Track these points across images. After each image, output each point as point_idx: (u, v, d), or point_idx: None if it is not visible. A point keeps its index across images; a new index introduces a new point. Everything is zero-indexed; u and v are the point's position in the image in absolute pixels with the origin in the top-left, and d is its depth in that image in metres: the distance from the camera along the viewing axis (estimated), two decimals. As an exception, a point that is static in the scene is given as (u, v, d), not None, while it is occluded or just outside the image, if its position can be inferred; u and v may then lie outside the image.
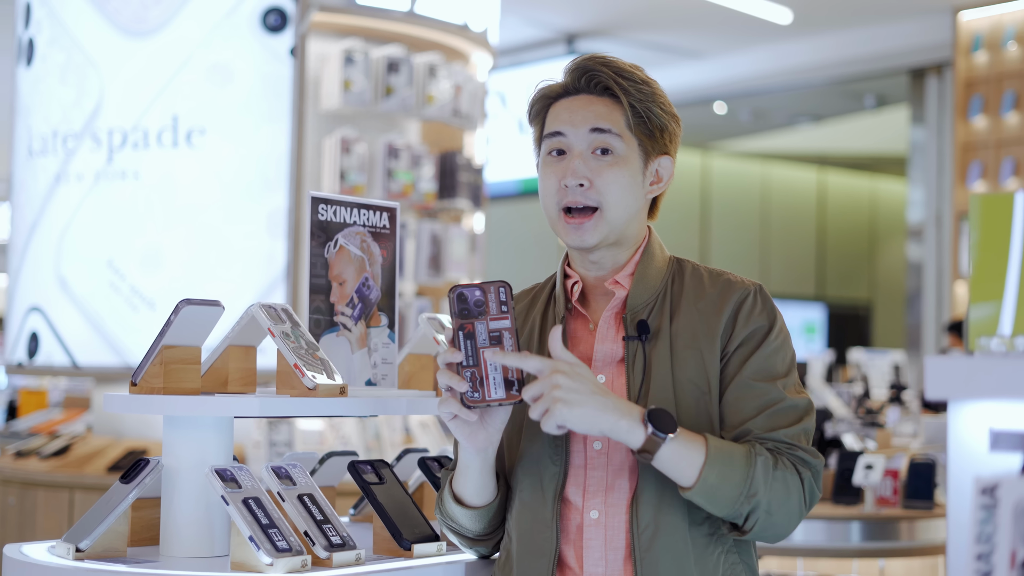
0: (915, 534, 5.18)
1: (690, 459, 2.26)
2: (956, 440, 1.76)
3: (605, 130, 2.42)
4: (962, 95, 11.82)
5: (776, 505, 2.31)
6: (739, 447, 2.31)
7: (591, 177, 2.41)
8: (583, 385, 2.22)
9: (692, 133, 17.14)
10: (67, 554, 2.47)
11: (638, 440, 2.25)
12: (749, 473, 2.28)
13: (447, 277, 7.00)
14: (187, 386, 2.55)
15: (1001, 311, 1.84)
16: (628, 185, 2.43)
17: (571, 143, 2.44)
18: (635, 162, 2.44)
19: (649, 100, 2.45)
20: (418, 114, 6.84)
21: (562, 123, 2.45)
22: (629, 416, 2.24)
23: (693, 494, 2.28)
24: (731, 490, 2.28)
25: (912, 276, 13.24)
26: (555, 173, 2.44)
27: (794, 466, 2.34)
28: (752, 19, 12.67)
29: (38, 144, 6.72)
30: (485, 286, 2.27)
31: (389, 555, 2.58)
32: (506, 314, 2.26)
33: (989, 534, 1.41)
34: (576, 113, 2.44)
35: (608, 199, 2.41)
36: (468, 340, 2.25)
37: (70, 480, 6.24)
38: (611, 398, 2.24)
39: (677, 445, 2.25)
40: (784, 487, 2.31)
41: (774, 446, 2.35)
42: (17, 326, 6.81)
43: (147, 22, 6.44)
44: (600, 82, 2.44)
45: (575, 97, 2.47)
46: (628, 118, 2.43)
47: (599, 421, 2.22)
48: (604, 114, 2.43)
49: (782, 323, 2.45)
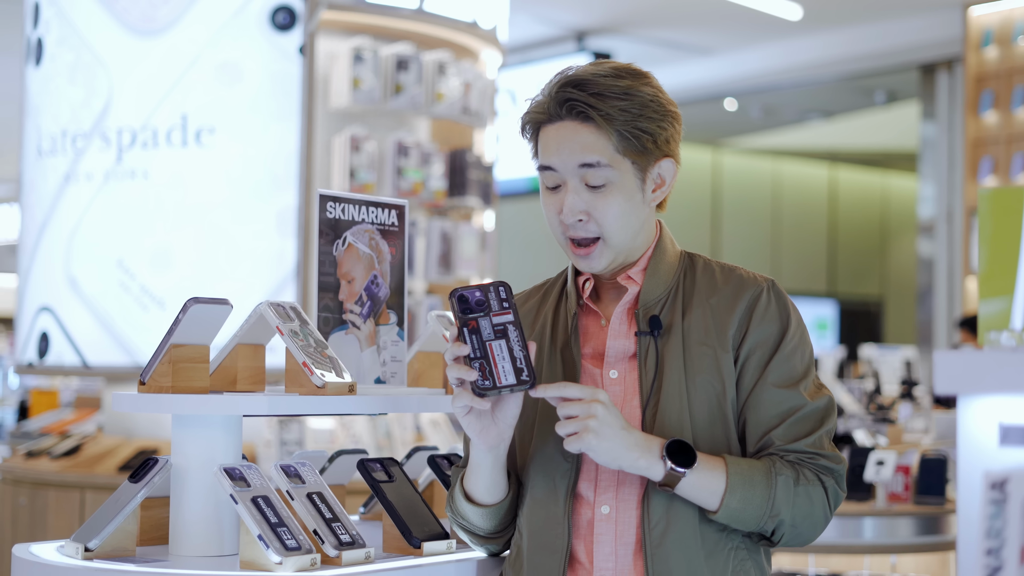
0: (926, 530, 5.17)
1: (711, 488, 2.29)
2: (966, 435, 1.75)
3: (593, 164, 2.36)
4: (973, 90, 11.79)
5: (800, 519, 2.34)
6: (759, 467, 2.32)
7: (588, 210, 2.38)
8: (616, 420, 2.25)
9: (703, 130, 17.13)
10: (76, 554, 2.47)
11: (658, 476, 2.28)
12: (770, 494, 2.31)
13: (457, 275, 6.99)
14: (196, 385, 2.54)
15: (1011, 306, 1.83)
16: (626, 210, 2.39)
17: (563, 177, 2.39)
18: (630, 183, 2.39)
19: (636, 116, 2.36)
20: (427, 112, 6.83)
21: (551, 157, 2.39)
22: (649, 454, 2.27)
23: (717, 518, 2.31)
24: (754, 511, 2.31)
25: (923, 272, 13.21)
26: (553, 206, 2.41)
27: (817, 476, 2.36)
28: (762, 15, 12.65)
29: (47, 144, 6.73)
30: (484, 287, 2.28)
31: (399, 553, 2.58)
32: (508, 310, 2.27)
33: (999, 529, 1.41)
34: (563, 146, 2.37)
35: (608, 229, 2.39)
36: (473, 335, 2.26)
37: (81, 480, 6.24)
38: (634, 436, 2.27)
39: (697, 477, 2.28)
40: (807, 501, 2.33)
41: (796, 458, 2.36)
42: (27, 326, 6.82)
43: (156, 21, 6.45)
44: (582, 111, 2.36)
45: (560, 124, 2.39)
46: (615, 143, 2.36)
47: (621, 457, 2.26)
48: (590, 144, 2.36)
49: (798, 319, 2.44)
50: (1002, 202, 1.87)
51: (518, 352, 2.26)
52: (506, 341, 2.26)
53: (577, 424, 2.24)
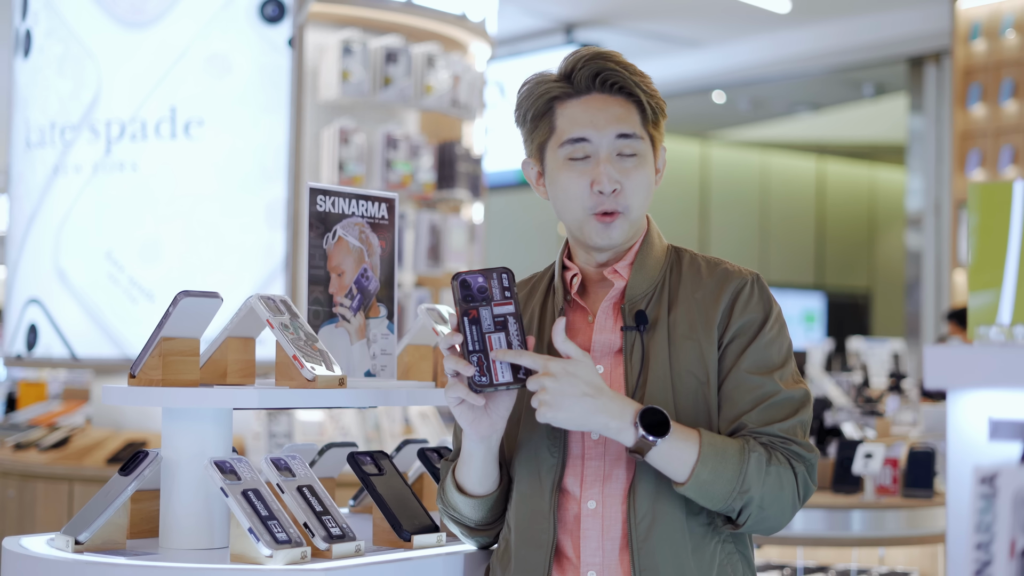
0: (915, 523, 5.18)
1: (683, 457, 2.27)
2: (955, 429, 1.75)
3: (630, 135, 2.40)
4: (961, 83, 11.80)
5: (769, 500, 2.32)
6: (733, 443, 2.31)
7: (621, 180, 2.40)
8: (573, 387, 2.23)
9: (691, 122, 17.14)
10: (66, 546, 2.47)
11: (628, 441, 2.26)
12: (742, 469, 2.29)
13: (446, 268, 6.99)
14: (186, 378, 2.54)
15: (1000, 299, 1.84)
16: (649, 184, 2.44)
17: (596, 148, 2.40)
18: (650, 158, 2.44)
19: (654, 95, 2.45)
20: (416, 104, 6.83)
21: (583, 128, 2.41)
22: (620, 418, 2.25)
23: (686, 489, 2.29)
24: (724, 486, 2.29)
25: (911, 264, 13.24)
26: (583, 177, 2.41)
27: (788, 461, 2.34)
28: (751, 8, 12.65)
29: (36, 136, 6.71)
30: (487, 272, 2.27)
31: (389, 546, 2.58)
32: (509, 299, 2.26)
33: (988, 523, 1.41)
34: (597, 116, 2.41)
35: (633, 201, 2.41)
36: (473, 326, 2.25)
37: (69, 472, 6.23)
38: (602, 399, 2.25)
39: (669, 445, 2.26)
40: (777, 482, 2.32)
41: (768, 440, 2.35)
42: (16, 318, 6.81)
43: (144, 13, 6.43)
44: (616, 83, 2.41)
45: (588, 97, 2.42)
46: (645, 117, 2.43)
47: (586, 423, 2.25)
48: (624, 116, 2.41)
49: (778, 312, 2.44)
50: (992, 197, 1.87)
51: (517, 347, 2.25)
52: (505, 335, 2.25)
53: (535, 399, 2.25)
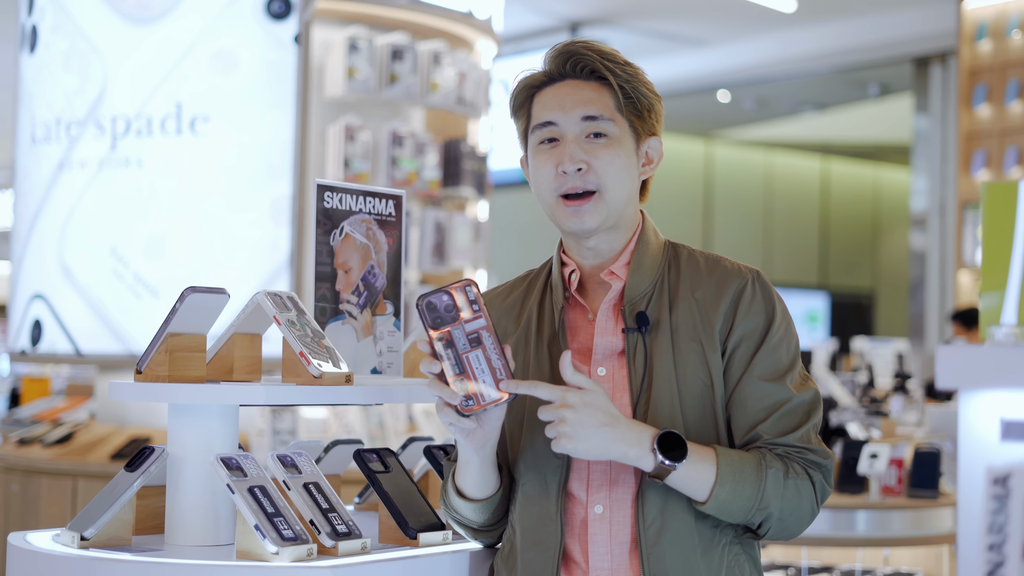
0: (919, 523, 5.17)
1: (701, 479, 2.28)
2: (967, 430, 1.75)
3: (596, 116, 2.39)
4: (966, 84, 11.78)
5: (788, 512, 2.33)
6: (750, 459, 2.31)
7: (588, 160, 2.38)
8: (592, 417, 2.23)
9: (695, 121, 17.12)
10: (72, 542, 2.47)
11: (647, 467, 2.26)
12: (760, 487, 2.29)
13: (451, 265, 6.99)
14: (192, 374, 2.54)
15: (1005, 300, 1.83)
16: (625, 166, 2.40)
17: (563, 131, 2.40)
18: (628, 143, 2.42)
19: (635, 80, 2.42)
20: (422, 102, 6.83)
21: (551, 111, 2.42)
22: (638, 445, 2.25)
23: (706, 508, 2.30)
24: (743, 503, 2.29)
25: (915, 265, 13.22)
26: (550, 160, 2.40)
27: (806, 471, 2.35)
28: (756, 7, 12.64)
29: (41, 131, 6.71)
30: (451, 289, 2.24)
31: (395, 544, 2.57)
32: (479, 313, 2.24)
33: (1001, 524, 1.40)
34: (565, 100, 2.41)
35: (607, 180, 2.39)
36: (449, 349, 2.23)
37: (73, 468, 6.24)
38: (620, 428, 2.25)
39: (688, 468, 2.26)
40: (796, 494, 2.32)
41: (784, 452, 2.35)
42: (20, 314, 6.81)
43: (151, 9, 6.43)
44: (586, 66, 2.41)
45: (560, 84, 2.44)
46: (618, 100, 2.41)
47: (606, 452, 2.25)
48: (593, 99, 2.40)
49: (783, 310, 2.43)
50: (998, 197, 1.87)
51: (496, 361, 2.23)
52: (482, 350, 2.23)
53: (551, 430, 2.24)
